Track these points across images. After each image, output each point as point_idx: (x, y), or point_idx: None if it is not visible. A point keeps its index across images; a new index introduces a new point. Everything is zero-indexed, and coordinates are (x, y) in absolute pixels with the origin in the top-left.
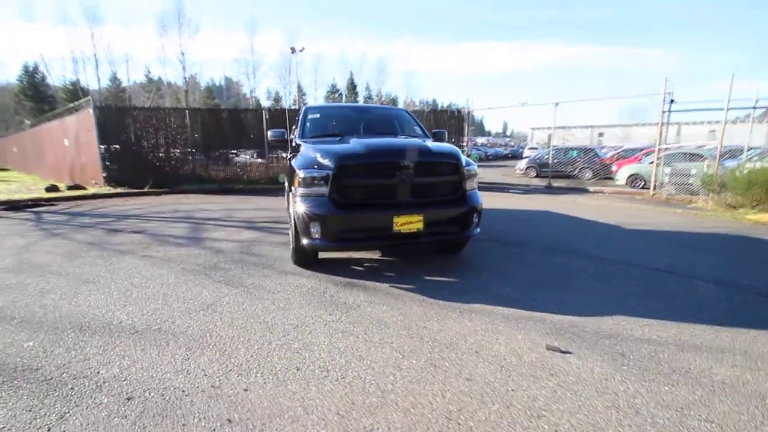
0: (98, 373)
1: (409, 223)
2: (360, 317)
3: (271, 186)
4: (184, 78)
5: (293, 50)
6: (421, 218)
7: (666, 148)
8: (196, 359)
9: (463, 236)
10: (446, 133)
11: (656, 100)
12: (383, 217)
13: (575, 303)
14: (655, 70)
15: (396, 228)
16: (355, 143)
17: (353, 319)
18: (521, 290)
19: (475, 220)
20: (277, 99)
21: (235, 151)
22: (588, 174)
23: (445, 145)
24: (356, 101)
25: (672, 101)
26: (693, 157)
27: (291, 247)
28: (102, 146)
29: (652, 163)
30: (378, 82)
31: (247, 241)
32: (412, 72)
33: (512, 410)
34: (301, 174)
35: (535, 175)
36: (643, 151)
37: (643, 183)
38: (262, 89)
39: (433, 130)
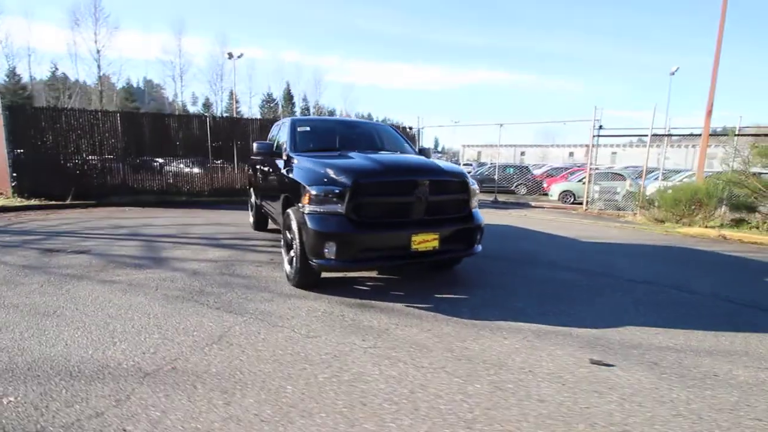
0: (125, 431)
1: (425, 241)
2: (396, 341)
3: (217, 199)
4: (99, 77)
5: (230, 56)
6: (436, 236)
7: (596, 168)
8: (240, 403)
9: (468, 253)
10: (430, 150)
11: (579, 125)
12: (402, 235)
13: (587, 315)
14: (561, 97)
15: (414, 246)
16: (366, 159)
17: (390, 344)
18: (533, 305)
19: (479, 237)
20: (207, 105)
21: (174, 161)
22: (523, 190)
23: (452, 165)
24: (293, 112)
25: (600, 126)
26: (615, 176)
27: (288, 267)
28: (12, 152)
29: (580, 181)
30: (315, 94)
31: (220, 260)
32: (349, 85)
33: (598, 429)
34: (313, 190)
35: (479, 191)
36: (569, 170)
37: (573, 198)
38: (188, 94)
39: (419, 148)
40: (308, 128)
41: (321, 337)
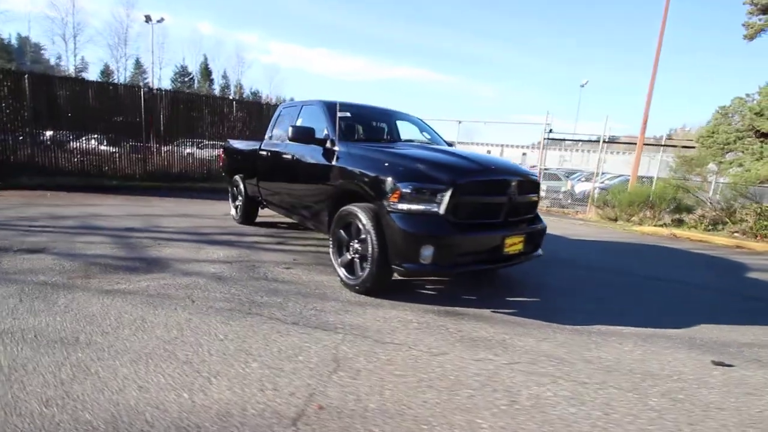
0: None
1: (514, 243)
2: (527, 354)
3: (153, 184)
4: None
5: (148, 19)
6: (522, 238)
7: (547, 169)
8: None
9: (536, 256)
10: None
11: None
12: (497, 238)
13: (658, 315)
14: (478, 99)
15: (505, 249)
16: (452, 155)
17: (525, 358)
18: (600, 306)
19: (543, 239)
20: (107, 74)
21: (98, 138)
22: None
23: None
24: (212, 90)
25: (551, 131)
26: (551, 176)
27: (345, 271)
28: None
29: None
30: (237, 72)
31: (234, 261)
32: (273, 66)
33: None
34: (405, 187)
35: None
36: None
37: None
38: (81, 58)
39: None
40: (348, 114)
41: (448, 354)
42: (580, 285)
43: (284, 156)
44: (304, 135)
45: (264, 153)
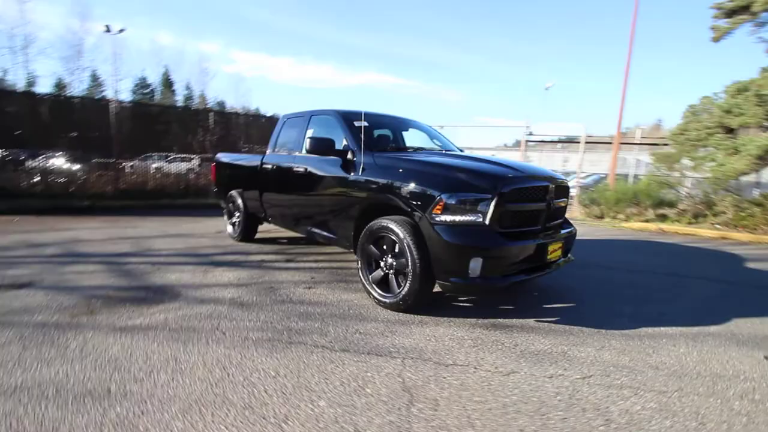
0: None
1: (555, 250)
2: (595, 366)
3: (128, 203)
4: None
5: (108, 29)
6: (561, 245)
7: None
8: None
9: (570, 260)
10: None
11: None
12: (541, 245)
13: (690, 313)
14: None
15: (548, 256)
16: (486, 162)
17: (595, 370)
18: (637, 309)
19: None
20: (60, 87)
21: (61, 154)
22: None
23: None
24: (175, 101)
25: (530, 133)
26: None
27: (377, 289)
28: None
29: None
30: (201, 83)
31: (249, 284)
32: (237, 75)
33: None
34: (449, 198)
35: None
36: None
37: None
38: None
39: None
40: (366, 123)
41: (518, 372)
42: (605, 286)
43: (296, 169)
44: (323, 147)
45: (269, 166)
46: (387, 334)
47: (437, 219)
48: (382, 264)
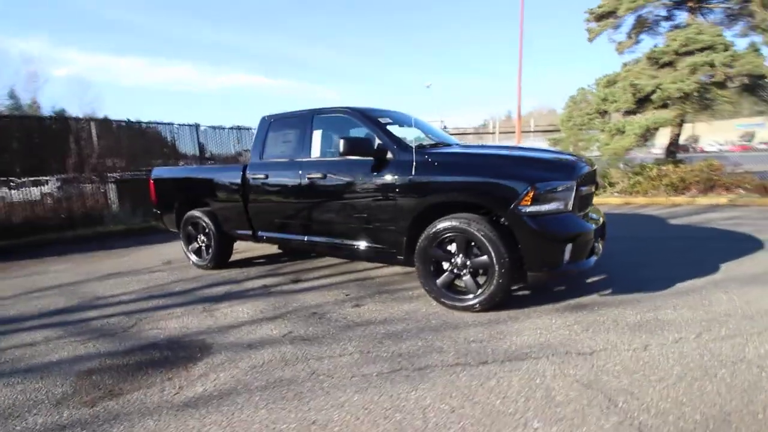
0: None
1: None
2: (702, 324)
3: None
4: None
5: None
6: (603, 225)
7: None
8: None
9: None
10: None
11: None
12: (599, 227)
13: (700, 267)
14: (325, 102)
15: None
16: (537, 151)
17: (702, 329)
18: (662, 270)
19: None
20: None
21: None
22: None
23: None
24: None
25: (445, 127)
26: None
27: (454, 292)
28: None
29: None
30: (29, 90)
31: (279, 316)
32: (81, 80)
33: None
34: (540, 188)
35: None
36: None
37: None
38: None
39: None
40: (389, 119)
41: (650, 344)
42: (624, 255)
43: (308, 177)
44: (362, 148)
45: (260, 177)
46: (500, 337)
47: (525, 211)
48: (446, 266)
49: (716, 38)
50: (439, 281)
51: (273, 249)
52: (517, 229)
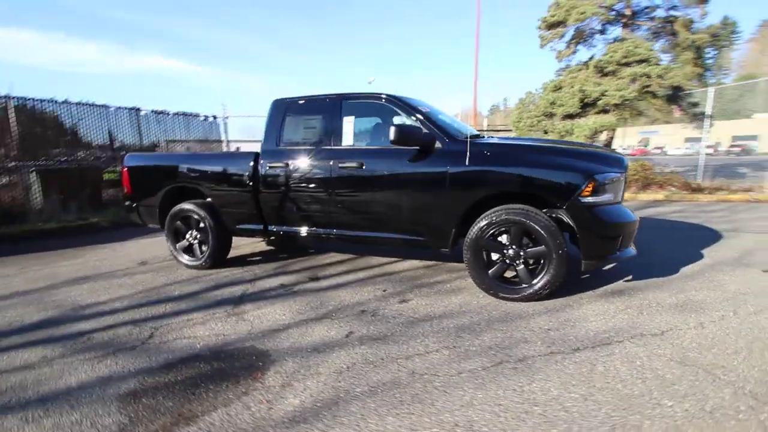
0: None
1: None
2: (724, 304)
3: None
4: None
5: None
6: None
7: None
8: None
9: None
10: None
11: None
12: None
13: (679, 253)
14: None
15: None
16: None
17: (735, 305)
18: (674, 254)
19: None
20: None
21: None
22: None
23: None
24: None
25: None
26: None
27: (508, 283)
28: None
29: None
30: None
31: (329, 315)
32: None
33: None
34: (600, 179)
35: None
36: None
37: None
38: None
39: None
40: (426, 108)
41: (704, 322)
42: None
43: (342, 166)
44: (413, 136)
45: (278, 165)
46: (570, 324)
47: (585, 201)
48: (495, 257)
49: (650, 52)
50: (491, 272)
51: (259, 246)
52: (576, 220)
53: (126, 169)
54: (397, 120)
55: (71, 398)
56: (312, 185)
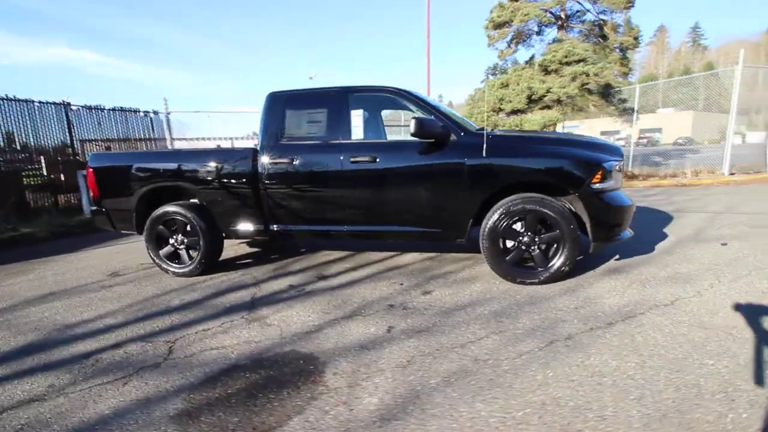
0: None
1: None
2: (712, 272)
3: None
4: None
5: None
6: None
7: None
8: None
9: None
10: None
11: None
12: None
13: (655, 233)
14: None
15: None
16: (579, 136)
17: (733, 276)
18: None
19: None
20: None
21: None
22: None
23: None
24: None
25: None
26: None
27: (524, 268)
28: None
29: None
30: None
31: (358, 313)
32: None
33: None
34: (608, 167)
35: None
36: None
37: None
38: None
39: None
40: (436, 103)
41: (705, 288)
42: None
43: (355, 159)
44: (432, 129)
45: (283, 161)
46: (592, 302)
47: (595, 188)
48: (510, 245)
49: (586, 53)
50: (508, 259)
51: (241, 249)
52: (588, 205)
53: (92, 169)
54: (406, 114)
55: (113, 428)
56: (322, 181)
